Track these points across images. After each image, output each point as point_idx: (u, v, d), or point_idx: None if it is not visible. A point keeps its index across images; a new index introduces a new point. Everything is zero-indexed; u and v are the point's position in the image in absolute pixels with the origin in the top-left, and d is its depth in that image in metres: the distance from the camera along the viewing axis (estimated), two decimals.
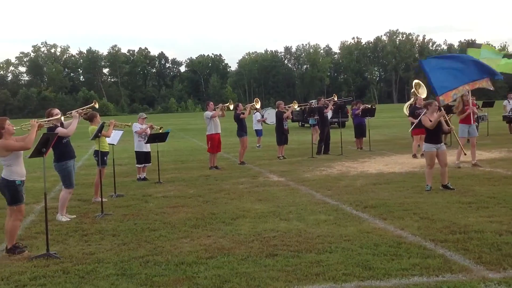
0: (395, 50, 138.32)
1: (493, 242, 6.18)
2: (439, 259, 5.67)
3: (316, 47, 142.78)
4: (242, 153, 16.04)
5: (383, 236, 6.75)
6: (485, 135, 22.00)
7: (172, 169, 15.32)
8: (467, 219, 7.48)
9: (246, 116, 16.19)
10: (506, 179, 10.88)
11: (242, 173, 13.73)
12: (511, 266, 5.34)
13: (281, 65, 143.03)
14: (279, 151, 17.14)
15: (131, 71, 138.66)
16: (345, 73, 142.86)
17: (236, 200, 9.89)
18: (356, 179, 11.87)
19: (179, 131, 39.04)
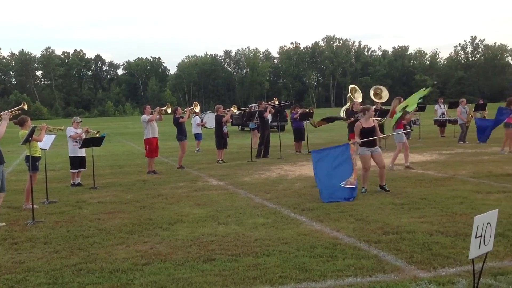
0: (332, 55, 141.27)
1: (424, 242, 6.39)
2: (373, 260, 5.80)
3: (256, 52, 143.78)
4: (181, 157, 15.89)
5: (319, 238, 6.84)
6: (417, 138, 22.80)
7: (108, 174, 14.96)
8: (400, 220, 7.71)
9: (186, 120, 16.06)
10: (437, 181, 11.30)
11: (181, 178, 13.59)
12: (440, 265, 5.53)
13: (221, 69, 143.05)
14: (219, 155, 17.10)
15: (66, 73, 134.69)
16: (284, 78, 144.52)
17: (174, 205, 9.77)
18: (294, 182, 11.99)
19: (116, 135, 38.24)
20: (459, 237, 6.56)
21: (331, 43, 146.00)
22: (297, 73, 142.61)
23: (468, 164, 13.89)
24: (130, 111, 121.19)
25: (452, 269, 5.38)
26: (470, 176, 11.77)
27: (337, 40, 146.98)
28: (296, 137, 19.59)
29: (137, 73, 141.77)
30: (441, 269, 5.42)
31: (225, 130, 17.15)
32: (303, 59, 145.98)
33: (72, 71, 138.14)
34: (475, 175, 11.96)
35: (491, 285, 4.88)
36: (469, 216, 7.54)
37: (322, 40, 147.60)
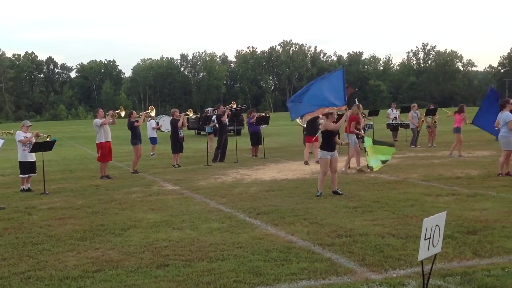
0: (288, 60, 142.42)
1: (376, 245, 6.50)
2: (326, 263, 5.86)
3: (213, 55, 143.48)
4: (135, 161, 15.66)
5: (274, 242, 6.86)
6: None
7: (59, 179, 14.60)
8: (353, 223, 7.81)
9: (141, 124, 15.85)
10: (389, 184, 11.53)
11: (135, 182, 13.40)
12: (392, 267, 5.64)
13: (177, 72, 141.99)
14: (174, 159, 16.95)
15: (17, 76, 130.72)
16: (241, 82, 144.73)
17: (128, 210, 9.61)
18: (250, 186, 12.00)
19: (68, 139, 37.42)
20: (410, 239, 6.70)
21: (288, 47, 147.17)
22: (254, 77, 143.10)
23: (419, 168, 14.23)
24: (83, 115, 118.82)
25: (403, 271, 5.49)
26: (421, 179, 12.06)
27: (293, 45, 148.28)
28: (253, 141, 19.62)
29: (90, 76, 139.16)
30: (392, 270, 5.52)
31: (181, 134, 17.02)
32: (259, 63, 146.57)
33: (23, 73, 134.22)
34: (425, 178, 12.26)
35: (440, 286, 5.00)
36: (419, 218, 7.71)
37: (278, 44, 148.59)
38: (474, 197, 9.54)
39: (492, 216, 7.91)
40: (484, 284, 4.96)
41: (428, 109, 22.07)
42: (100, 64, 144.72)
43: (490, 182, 11.30)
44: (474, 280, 5.08)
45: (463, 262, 5.71)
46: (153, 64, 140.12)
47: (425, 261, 4.32)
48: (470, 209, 8.47)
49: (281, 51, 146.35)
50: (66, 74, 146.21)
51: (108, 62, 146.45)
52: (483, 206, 8.67)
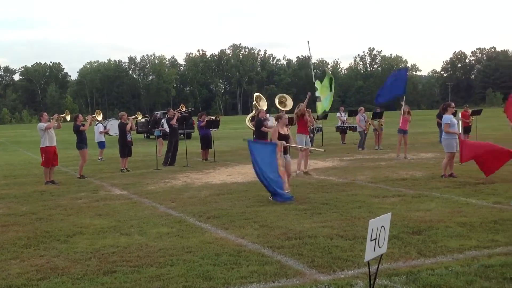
0: (238, 64, 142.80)
1: (324, 246, 6.58)
2: (276, 265, 5.89)
3: (162, 58, 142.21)
4: (81, 166, 15.30)
5: (224, 246, 6.84)
6: (320, 145, 23.52)
7: (2, 185, 14.09)
8: (302, 225, 7.89)
9: (87, 128, 15.50)
10: (338, 186, 11.71)
11: (82, 187, 13.08)
12: (340, 268, 5.72)
13: (125, 75, 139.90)
14: (122, 164, 16.65)
15: None
16: (191, 85, 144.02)
17: (74, 216, 9.37)
18: (200, 190, 11.93)
19: (12, 143, 36.19)
20: (358, 240, 6.82)
21: (237, 51, 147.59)
22: (204, 80, 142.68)
23: (366, 170, 14.52)
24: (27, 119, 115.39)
25: (351, 272, 5.58)
26: (368, 181, 12.31)
27: (243, 48, 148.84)
28: (203, 144, 19.53)
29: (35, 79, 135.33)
30: (340, 271, 5.60)
31: (129, 138, 16.75)
32: (209, 66, 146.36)
33: None
34: (373, 180, 12.52)
35: (386, 285, 5.10)
36: (366, 219, 7.85)
37: (228, 48, 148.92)
38: (418, 198, 9.80)
39: (436, 216, 8.15)
40: (428, 283, 5.09)
41: (374, 112, 22.57)
42: (45, 66, 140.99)
43: (434, 183, 11.65)
44: (419, 279, 5.21)
45: (408, 261, 5.85)
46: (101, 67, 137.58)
47: (372, 262, 4.40)
48: (415, 210, 8.70)
49: (231, 55, 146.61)
50: (10, 77, 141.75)
51: (53, 64, 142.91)
52: (428, 207, 8.92)
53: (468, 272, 5.34)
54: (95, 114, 16.90)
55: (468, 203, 9.15)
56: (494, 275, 5.23)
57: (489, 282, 5.04)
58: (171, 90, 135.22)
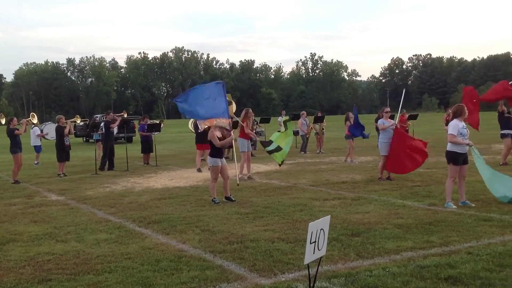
0: (181, 67, 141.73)
1: (266, 250, 6.59)
2: (217, 270, 5.84)
3: (102, 60, 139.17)
4: (15, 171, 14.72)
5: (164, 251, 6.73)
6: (262, 149, 23.62)
7: None
8: (244, 229, 7.88)
9: (22, 132, 14.93)
10: (280, 190, 11.79)
11: (16, 193, 12.58)
12: (281, 271, 5.74)
13: (63, 77, 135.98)
14: (59, 168, 16.14)
15: None
16: (132, 88, 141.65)
17: (7, 223, 8.98)
18: (141, 195, 11.72)
19: None
20: (299, 243, 6.87)
21: (180, 54, 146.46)
22: (146, 83, 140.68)
23: (308, 173, 14.71)
24: None
25: (291, 275, 5.61)
26: (310, 185, 12.46)
27: (185, 51, 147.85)
28: (144, 148, 19.23)
29: None
30: (281, 275, 5.62)
31: (67, 142, 16.26)
32: (151, 69, 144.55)
33: None
34: (314, 183, 12.69)
35: (326, 287, 5.16)
36: (307, 222, 7.85)
37: (170, 51, 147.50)
38: (358, 201, 10.00)
39: (374, 218, 8.34)
40: (366, 284, 5.18)
41: (316, 116, 22.93)
42: None
43: (372, 186, 11.93)
44: (357, 280, 5.30)
45: (347, 263, 5.94)
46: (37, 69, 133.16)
47: (312, 264, 4.44)
48: (354, 212, 8.87)
49: (173, 58, 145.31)
50: None
51: None
52: (366, 209, 9.12)
53: (404, 273, 5.47)
54: (30, 117, 16.30)
55: (404, 205, 9.41)
56: (429, 275, 5.39)
57: (424, 283, 5.18)
58: (111, 93, 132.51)
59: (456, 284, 5.12)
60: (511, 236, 6.90)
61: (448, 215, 8.36)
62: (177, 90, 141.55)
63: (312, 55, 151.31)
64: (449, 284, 5.12)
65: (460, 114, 9.17)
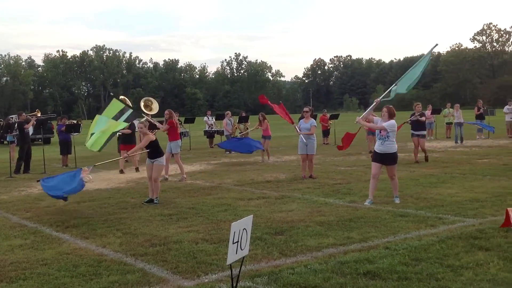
0: (102, 66, 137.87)
1: (189, 251, 6.51)
2: (139, 273, 5.70)
3: (17, 59, 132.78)
4: None
5: (83, 256, 6.49)
6: (187, 149, 23.46)
7: None
8: (168, 231, 7.75)
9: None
10: (204, 190, 11.72)
11: None
12: (204, 272, 5.68)
13: None
14: None
15: None
16: (50, 87, 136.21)
17: None
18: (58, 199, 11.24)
19: None
20: (223, 243, 6.84)
21: (101, 53, 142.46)
22: (65, 83, 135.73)
23: (233, 173, 14.72)
24: None
25: (215, 275, 5.57)
26: (234, 184, 12.48)
27: (107, 50, 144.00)
28: (63, 150, 18.52)
29: None
30: (205, 276, 5.57)
31: None
32: (71, 68, 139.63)
33: None
34: (239, 183, 12.72)
35: (249, 287, 5.16)
36: (231, 222, 7.87)
37: (91, 49, 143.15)
38: (281, 200, 10.12)
39: (297, 216, 8.46)
40: (289, 282, 5.24)
41: (240, 116, 23.03)
42: None
43: (296, 184, 12.12)
44: (280, 278, 5.34)
45: (270, 262, 5.98)
46: None
47: (235, 264, 4.43)
48: (278, 211, 8.96)
49: (94, 57, 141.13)
50: None
51: None
52: (290, 208, 9.24)
53: (325, 269, 5.58)
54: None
55: (326, 202, 9.62)
56: (349, 270, 5.53)
57: (344, 278, 5.31)
58: (28, 93, 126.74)
59: (374, 278, 5.28)
60: (426, 231, 7.21)
61: (367, 212, 8.63)
62: (98, 90, 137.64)
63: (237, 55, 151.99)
64: (368, 279, 5.27)
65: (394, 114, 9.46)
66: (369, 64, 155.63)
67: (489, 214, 8.16)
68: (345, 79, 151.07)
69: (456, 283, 5.05)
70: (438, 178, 12.35)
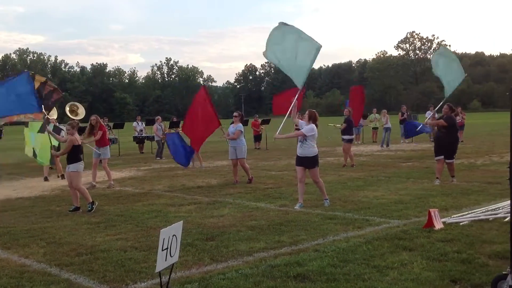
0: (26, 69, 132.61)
1: (117, 260, 6.34)
2: (64, 284, 5.49)
3: None
4: None
5: (4, 267, 6.18)
6: (116, 155, 22.92)
7: None
8: (95, 239, 7.53)
9: None
10: (134, 197, 11.48)
11: None
12: (133, 280, 5.55)
13: None
14: None
15: None
16: None
17: None
18: None
19: None
20: (153, 250, 6.71)
21: (24, 56, 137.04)
22: None
23: (163, 179, 14.52)
24: None
25: (144, 284, 5.45)
26: (165, 190, 12.31)
27: (31, 53, 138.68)
28: None
29: None
30: (133, 284, 5.44)
31: None
32: None
33: None
34: (170, 189, 12.56)
35: None
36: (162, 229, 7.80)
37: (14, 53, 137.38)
38: (213, 205, 10.08)
39: (228, 221, 8.45)
40: (219, 287, 5.21)
41: (171, 121, 22.76)
42: None
43: (227, 189, 12.12)
44: (211, 284, 5.30)
45: (201, 268, 5.92)
46: None
47: (165, 271, 4.35)
48: (210, 216, 8.92)
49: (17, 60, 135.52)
50: None
51: None
52: (221, 213, 9.22)
53: (256, 274, 5.59)
54: None
55: (257, 207, 9.68)
56: (279, 274, 5.57)
57: (275, 282, 5.34)
58: None
59: (304, 281, 5.35)
60: (353, 233, 7.40)
61: (298, 215, 8.75)
62: None
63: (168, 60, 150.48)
64: (298, 282, 5.34)
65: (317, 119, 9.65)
66: None
67: (412, 215, 8.49)
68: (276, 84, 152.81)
69: (382, 283, 5.21)
70: (365, 181, 12.74)
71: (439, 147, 11.86)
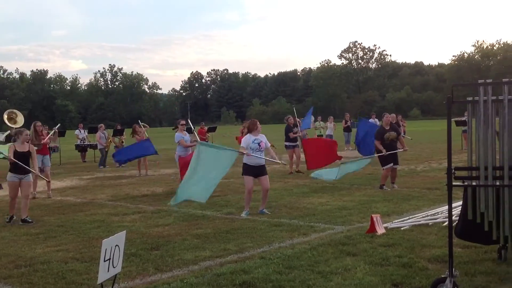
0: None
1: (58, 271, 6.14)
2: None
3: None
4: None
5: None
6: (57, 164, 22.27)
7: None
8: (34, 251, 7.28)
9: None
10: (76, 207, 11.18)
11: None
12: None
13: None
14: None
15: None
16: None
17: None
18: None
19: None
20: (95, 261, 6.53)
21: None
22: None
23: (107, 188, 14.22)
24: None
25: None
26: (109, 200, 12.06)
27: None
28: None
29: None
30: None
31: None
32: None
33: None
34: (113, 198, 12.31)
35: None
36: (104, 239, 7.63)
37: None
38: (158, 214, 9.95)
39: (174, 230, 8.36)
40: None
41: (115, 129, 22.36)
42: None
43: None
44: None
45: (145, 278, 5.83)
46: None
47: (108, 283, 4.26)
48: (154, 226, 8.79)
49: None
50: None
51: None
52: (166, 222, 9.10)
53: (201, 283, 5.55)
54: None
55: (204, 215, 9.62)
56: (225, 282, 5.55)
57: None
58: None
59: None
60: (299, 239, 7.47)
61: (244, 223, 8.76)
62: None
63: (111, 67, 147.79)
64: None
65: (253, 129, 9.72)
66: (246, 78, 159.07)
67: (356, 221, 8.66)
68: (223, 92, 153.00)
69: None
70: (310, 188, 12.90)
71: (390, 155, 12.08)
